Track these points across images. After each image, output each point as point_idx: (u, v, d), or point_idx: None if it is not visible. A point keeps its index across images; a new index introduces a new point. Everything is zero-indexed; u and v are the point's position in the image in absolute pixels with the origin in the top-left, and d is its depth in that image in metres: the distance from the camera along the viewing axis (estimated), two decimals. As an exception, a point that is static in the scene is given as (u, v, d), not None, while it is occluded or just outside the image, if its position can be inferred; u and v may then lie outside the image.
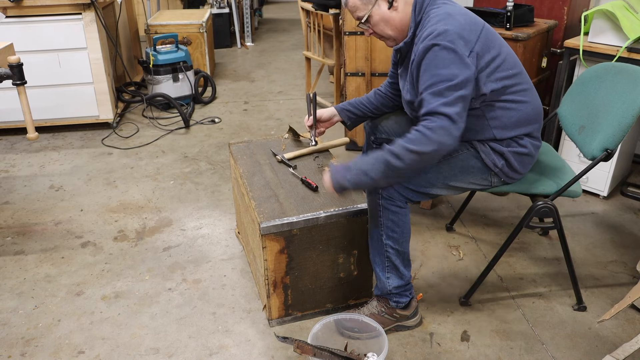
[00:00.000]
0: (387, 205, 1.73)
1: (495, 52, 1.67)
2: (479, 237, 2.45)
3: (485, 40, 1.65)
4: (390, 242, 1.77)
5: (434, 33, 1.59)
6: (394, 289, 1.84)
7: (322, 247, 1.87)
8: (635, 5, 2.52)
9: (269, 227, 1.76)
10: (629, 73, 1.85)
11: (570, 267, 1.97)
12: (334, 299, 1.99)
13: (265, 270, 1.83)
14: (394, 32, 1.75)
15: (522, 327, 1.93)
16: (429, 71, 1.60)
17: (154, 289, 2.14)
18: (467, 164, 1.78)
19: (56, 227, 2.56)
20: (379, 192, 1.72)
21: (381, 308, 1.87)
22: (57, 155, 3.32)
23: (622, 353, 1.58)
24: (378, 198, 1.73)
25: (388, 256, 1.79)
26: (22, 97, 2.27)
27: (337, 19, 3.43)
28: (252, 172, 2.08)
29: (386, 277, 1.83)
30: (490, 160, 1.77)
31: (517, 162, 1.78)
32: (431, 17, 1.65)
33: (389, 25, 1.73)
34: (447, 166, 1.77)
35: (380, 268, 1.83)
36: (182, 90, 4.04)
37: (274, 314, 1.93)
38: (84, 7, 3.25)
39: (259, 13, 7.26)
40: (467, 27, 1.61)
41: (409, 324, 1.90)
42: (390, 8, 1.70)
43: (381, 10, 1.71)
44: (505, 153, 1.76)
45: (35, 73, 3.21)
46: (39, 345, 1.86)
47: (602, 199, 2.75)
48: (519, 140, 1.77)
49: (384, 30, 1.75)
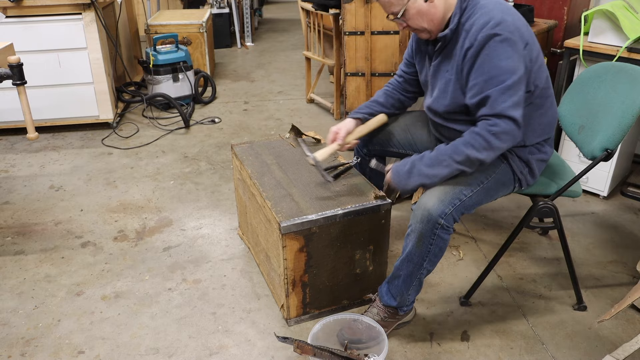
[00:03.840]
0: (443, 235, 1.64)
1: (537, 46, 1.62)
2: (479, 237, 2.45)
3: (531, 33, 1.60)
4: (428, 266, 1.72)
5: (492, 22, 1.52)
6: (411, 303, 1.82)
7: (340, 244, 1.87)
8: (635, 5, 2.52)
9: (289, 227, 1.75)
10: (628, 73, 1.85)
11: (570, 267, 1.97)
12: (350, 295, 2.00)
13: (285, 269, 1.82)
14: (430, 25, 1.66)
15: (522, 327, 1.93)
16: (488, 64, 1.53)
17: (154, 289, 2.14)
18: (506, 178, 1.75)
19: (56, 227, 2.56)
20: (440, 223, 1.61)
21: (384, 314, 1.83)
22: (57, 155, 3.32)
23: (622, 353, 1.58)
24: (436, 228, 1.63)
25: (419, 277, 1.75)
26: (22, 97, 2.27)
27: (337, 19, 3.42)
28: (262, 173, 2.07)
29: (408, 294, 1.78)
30: (518, 169, 1.75)
31: (537, 168, 1.78)
32: (480, 5, 1.58)
33: (425, 18, 1.63)
34: (494, 184, 1.73)
35: (406, 286, 1.76)
36: (182, 90, 4.04)
37: (292, 312, 1.92)
38: (84, 7, 3.25)
39: (259, 13, 7.26)
40: (519, 18, 1.56)
41: (407, 319, 1.91)
42: (427, 0, 1.60)
43: (417, 3, 1.61)
44: (530, 160, 1.74)
45: (35, 73, 3.21)
46: (39, 345, 1.86)
47: (602, 199, 2.75)
48: (541, 147, 1.76)
49: (419, 24, 1.66)
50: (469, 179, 1.69)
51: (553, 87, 2.89)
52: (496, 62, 1.53)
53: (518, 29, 1.55)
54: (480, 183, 1.69)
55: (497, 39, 1.52)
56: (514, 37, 1.52)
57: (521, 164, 1.75)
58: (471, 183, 1.68)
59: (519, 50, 1.53)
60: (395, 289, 1.79)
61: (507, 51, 1.52)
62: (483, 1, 1.60)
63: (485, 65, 1.54)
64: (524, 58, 1.55)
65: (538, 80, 1.66)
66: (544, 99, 1.71)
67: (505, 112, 1.53)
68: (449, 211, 1.62)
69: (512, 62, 1.52)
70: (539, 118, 1.72)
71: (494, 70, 1.53)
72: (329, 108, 3.97)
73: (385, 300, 1.83)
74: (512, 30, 1.53)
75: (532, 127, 1.72)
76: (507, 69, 1.52)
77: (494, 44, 1.52)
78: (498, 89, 1.53)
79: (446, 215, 1.62)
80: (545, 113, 1.73)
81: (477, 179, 1.70)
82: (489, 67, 1.54)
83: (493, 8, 1.57)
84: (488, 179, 1.71)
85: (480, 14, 1.57)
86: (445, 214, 1.62)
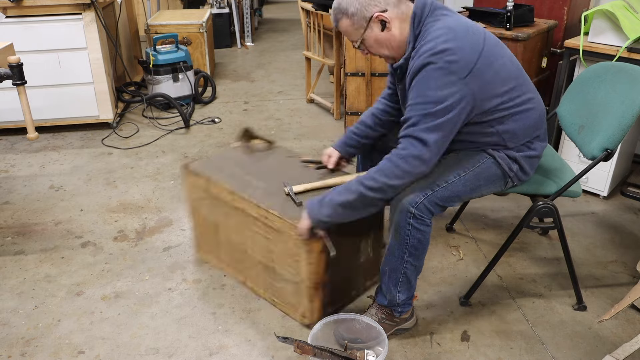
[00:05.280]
0: (417, 225, 1.64)
1: (497, 65, 1.61)
2: (479, 237, 2.45)
3: (487, 55, 1.58)
4: (411, 259, 1.71)
5: (431, 50, 1.53)
6: (402, 302, 1.80)
7: (350, 236, 1.88)
8: (635, 5, 2.52)
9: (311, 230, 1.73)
10: (628, 73, 1.85)
11: (570, 267, 1.97)
12: (356, 285, 2.02)
13: (310, 274, 1.80)
14: (391, 52, 1.69)
15: (522, 327, 1.93)
16: (417, 90, 1.56)
17: (154, 289, 2.14)
18: (490, 173, 1.75)
19: (56, 227, 2.56)
20: (411, 212, 1.63)
21: (382, 315, 1.83)
22: (57, 155, 3.32)
23: (622, 353, 1.58)
24: (409, 217, 1.64)
25: (405, 272, 1.74)
26: (22, 97, 2.28)
27: (337, 19, 3.42)
28: (243, 184, 1.95)
29: (397, 290, 1.78)
30: (507, 165, 1.75)
31: (527, 165, 1.78)
32: (431, 30, 1.58)
33: (384, 46, 1.67)
34: (473, 177, 1.72)
35: (393, 282, 1.77)
36: (182, 90, 4.04)
37: (315, 316, 1.87)
38: (84, 7, 3.25)
39: (259, 13, 7.26)
40: (468, 44, 1.55)
41: (407, 326, 1.89)
42: (384, 30, 1.64)
43: (374, 33, 1.64)
44: (517, 158, 1.75)
45: (35, 73, 3.21)
46: (39, 345, 1.86)
47: (602, 199, 2.75)
48: (530, 144, 1.77)
49: (380, 51, 1.70)
50: (444, 171, 1.70)
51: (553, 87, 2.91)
52: (424, 89, 1.55)
53: (461, 56, 1.53)
54: (457, 175, 1.70)
55: (431, 67, 1.53)
56: (449, 66, 1.52)
57: (511, 161, 1.76)
58: (446, 175, 1.70)
59: (455, 81, 1.53)
60: (384, 287, 1.80)
61: (437, 79, 1.53)
62: (438, 24, 1.59)
63: (415, 90, 1.57)
64: (467, 85, 1.54)
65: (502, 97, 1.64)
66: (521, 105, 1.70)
67: (415, 134, 1.55)
68: (420, 200, 1.63)
69: (441, 92, 1.53)
70: (521, 125, 1.72)
71: (420, 97, 1.56)
72: (329, 108, 3.98)
73: (378, 299, 1.85)
74: (450, 59, 1.52)
75: (512, 133, 1.72)
76: (433, 98, 1.54)
77: (425, 72, 1.54)
78: (418, 115, 1.55)
79: (417, 204, 1.63)
80: (528, 117, 1.72)
81: (453, 171, 1.71)
82: (417, 92, 1.56)
83: (440, 35, 1.55)
84: (466, 171, 1.72)
85: (427, 40, 1.57)
86: (416, 202, 1.63)
